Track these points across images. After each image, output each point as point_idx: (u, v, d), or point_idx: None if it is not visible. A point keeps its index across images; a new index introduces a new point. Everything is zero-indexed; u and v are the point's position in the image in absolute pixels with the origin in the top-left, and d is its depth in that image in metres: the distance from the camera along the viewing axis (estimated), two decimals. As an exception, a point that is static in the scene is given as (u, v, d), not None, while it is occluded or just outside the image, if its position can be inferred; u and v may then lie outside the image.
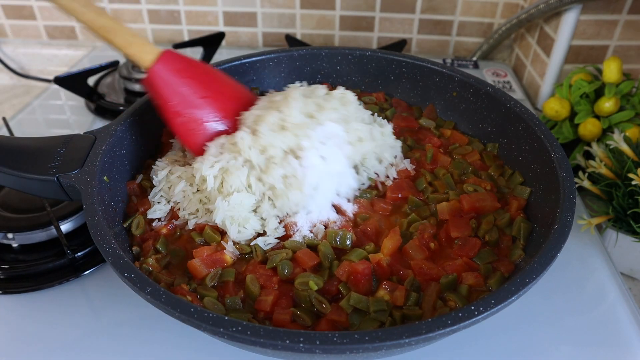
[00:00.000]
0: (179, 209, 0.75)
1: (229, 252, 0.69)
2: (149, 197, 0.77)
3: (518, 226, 0.71)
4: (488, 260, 0.67)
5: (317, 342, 0.49)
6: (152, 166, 0.81)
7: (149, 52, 0.71)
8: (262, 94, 1.01)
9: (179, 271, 0.68)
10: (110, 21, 0.69)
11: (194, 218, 0.74)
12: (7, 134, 1.06)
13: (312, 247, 0.69)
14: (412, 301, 0.62)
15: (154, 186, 0.78)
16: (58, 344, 0.70)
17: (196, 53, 1.43)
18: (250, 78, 1.00)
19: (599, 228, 0.91)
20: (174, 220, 0.75)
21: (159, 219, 0.75)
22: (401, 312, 0.61)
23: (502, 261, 0.67)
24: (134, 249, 0.70)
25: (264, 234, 0.71)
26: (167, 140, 0.87)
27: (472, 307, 0.52)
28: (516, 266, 0.67)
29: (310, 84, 1.01)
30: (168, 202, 0.77)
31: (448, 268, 0.66)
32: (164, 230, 0.73)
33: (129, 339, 0.71)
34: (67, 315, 0.74)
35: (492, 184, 0.79)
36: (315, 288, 0.64)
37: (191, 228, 0.73)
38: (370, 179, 0.80)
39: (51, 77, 1.25)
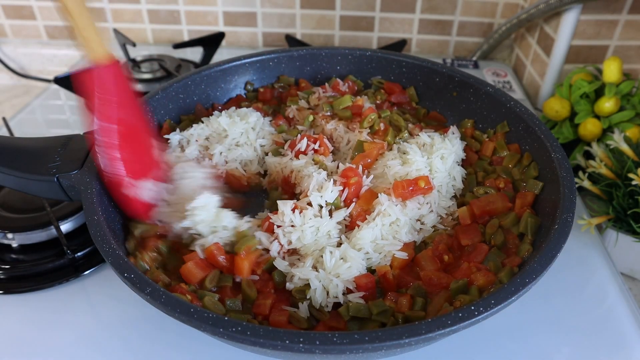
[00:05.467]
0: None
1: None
2: None
3: (525, 222, 0.69)
4: (496, 261, 0.66)
5: (317, 343, 0.49)
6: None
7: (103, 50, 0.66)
8: (256, 90, 1.01)
9: (174, 276, 0.67)
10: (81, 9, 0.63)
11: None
12: (7, 134, 1.06)
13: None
14: (418, 307, 0.62)
15: None
16: (58, 343, 0.70)
17: (196, 53, 1.43)
18: (251, 78, 1.00)
19: (599, 228, 0.91)
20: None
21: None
22: (404, 315, 0.60)
23: (510, 258, 0.66)
24: (128, 244, 0.69)
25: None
26: (166, 137, 0.87)
27: (472, 308, 0.52)
28: (524, 260, 0.65)
29: (311, 83, 1.01)
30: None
31: (457, 275, 0.65)
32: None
33: (129, 338, 0.71)
34: (67, 315, 0.74)
35: (506, 180, 0.78)
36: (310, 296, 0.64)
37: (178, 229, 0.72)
38: None
39: (51, 77, 1.25)
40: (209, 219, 0.69)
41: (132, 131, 0.69)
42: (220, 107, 0.96)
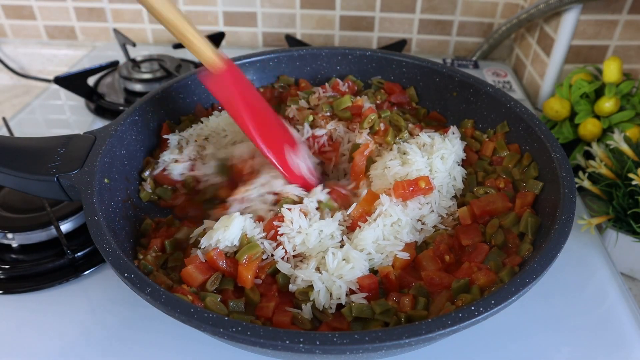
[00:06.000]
0: None
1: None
2: None
3: (525, 221, 0.69)
4: (496, 261, 0.66)
5: (317, 343, 0.49)
6: None
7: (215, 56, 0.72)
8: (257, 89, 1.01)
9: (176, 277, 0.67)
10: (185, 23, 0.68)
11: None
12: (7, 134, 1.06)
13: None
14: (420, 306, 0.62)
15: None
16: (58, 344, 0.70)
17: (196, 53, 1.43)
18: (251, 78, 1.00)
19: (599, 228, 0.91)
20: None
21: None
22: (407, 314, 0.60)
23: (511, 257, 0.66)
24: (138, 249, 0.70)
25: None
26: (165, 137, 0.86)
27: (472, 308, 0.52)
28: (525, 260, 0.65)
29: (311, 84, 1.01)
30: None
31: (459, 274, 0.65)
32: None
33: (129, 339, 0.71)
34: (67, 315, 0.74)
35: (506, 180, 0.78)
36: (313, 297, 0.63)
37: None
38: None
39: (51, 77, 1.25)
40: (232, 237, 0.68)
41: (262, 117, 0.76)
42: (220, 107, 0.96)
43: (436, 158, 0.77)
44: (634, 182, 0.83)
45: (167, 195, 0.82)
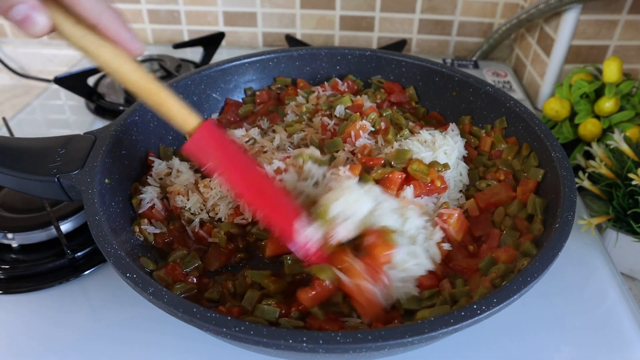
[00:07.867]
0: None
1: None
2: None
3: (532, 203, 0.70)
4: (513, 237, 0.68)
5: (320, 342, 0.49)
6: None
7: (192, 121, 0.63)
8: (254, 93, 1.00)
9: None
10: (155, 85, 0.61)
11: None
12: (7, 134, 1.06)
13: None
14: (460, 285, 0.63)
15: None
16: (58, 344, 0.70)
17: (196, 53, 1.43)
18: (250, 78, 1.00)
19: (599, 228, 0.91)
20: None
21: None
22: (450, 293, 0.62)
23: (524, 237, 0.68)
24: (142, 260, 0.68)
25: None
26: (151, 158, 0.83)
27: (475, 306, 0.53)
28: (537, 238, 0.66)
29: (310, 84, 1.01)
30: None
31: (481, 256, 0.67)
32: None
33: (130, 339, 0.70)
34: (67, 316, 0.74)
35: (506, 172, 0.79)
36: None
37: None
38: None
39: (51, 77, 1.25)
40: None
41: (248, 174, 0.66)
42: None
43: (440, 153, 0.78)
44: (634, 182, 0.83)
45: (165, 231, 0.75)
